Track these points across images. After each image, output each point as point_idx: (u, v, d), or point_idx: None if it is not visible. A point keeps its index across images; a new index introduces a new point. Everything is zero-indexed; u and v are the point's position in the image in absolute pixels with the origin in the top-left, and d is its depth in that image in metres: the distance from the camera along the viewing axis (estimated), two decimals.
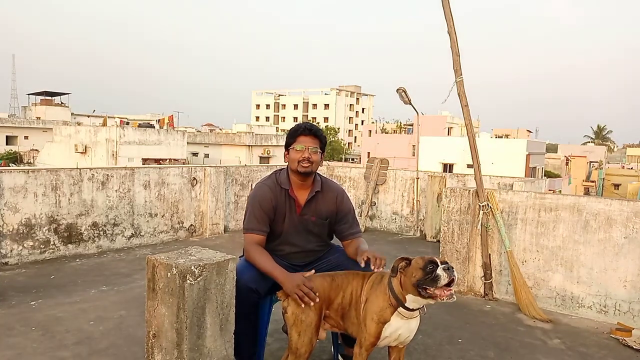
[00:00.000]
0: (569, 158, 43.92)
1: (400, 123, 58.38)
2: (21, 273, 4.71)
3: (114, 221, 5.79)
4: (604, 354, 3.38)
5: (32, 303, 3.90)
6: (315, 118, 74.67)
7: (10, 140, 39.85)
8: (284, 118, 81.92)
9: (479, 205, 4.45)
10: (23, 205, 5.04)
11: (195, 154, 36.66)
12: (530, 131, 53.67)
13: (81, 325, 3.50)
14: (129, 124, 35.37)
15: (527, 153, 30.09)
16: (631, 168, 48.62)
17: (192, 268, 2.15)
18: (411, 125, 47.05)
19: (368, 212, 8.02)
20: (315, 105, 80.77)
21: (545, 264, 4.25)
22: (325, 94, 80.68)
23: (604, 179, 42.57)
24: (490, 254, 4.48)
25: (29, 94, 50.99)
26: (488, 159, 21.28)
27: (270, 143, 36.74)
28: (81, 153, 26.37)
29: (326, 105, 79.16)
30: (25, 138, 40.12)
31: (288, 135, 2.79)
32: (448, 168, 29.24)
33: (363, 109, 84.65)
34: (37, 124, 41.24)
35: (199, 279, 2.17)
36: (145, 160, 25.71)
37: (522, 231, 4.34)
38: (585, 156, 48.01)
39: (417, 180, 7.63)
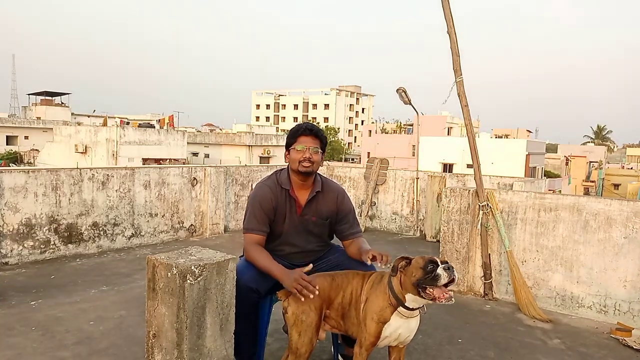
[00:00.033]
0: (569, 158, 43.87)
1: (400, 123, 58.40)
2: (21, 273, 4.72)
3: (114, 221, 5.79)
4: (604, 354, 3.38)
5: (32, 303, 3.90)
6: (315, 118, 74.67)
7: (10, 140, 39.83)
8: (284, 118, 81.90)
9: (479, 205, 4.45)
10: (23, 205, 5.04)
11: (195, 154, 36.64)
12: (530, 131, 53.64)
13: (81, 325, 3.50)
14: (129, 124, 35.33)
15: (527, 153, 30.11)
16: (631, 168, 48.61)
17: (192, 268, 2.16)
18: (411, 125, 47.07)
19: (368, 212, 8.02)
20: (315, 106, 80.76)
21: (545, 263, 4.25)
22: (325, 94, 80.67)
23: (603, 179, 42.56)
24: (490, 254, 4.48)
25: (29, 94, 50.98)
26: (488, 159, 21.29)
27: (270, 143, 36.71)
28: (81, 153, 26.36)
29: (326, 105, 79.15)
30: (26, 138, 40.09)
31: (289, 135, 2.80)
32: (448, 168, 29.25)
33: (363, 109, 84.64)
34: (38, 124, 41.20)
35: (199, 279, 2.18)
36: (145, 160, 25.68)
37: (522, 231, 4.34)
38: (585, 156, 47.98)
39: (417, 180, 7.64)
